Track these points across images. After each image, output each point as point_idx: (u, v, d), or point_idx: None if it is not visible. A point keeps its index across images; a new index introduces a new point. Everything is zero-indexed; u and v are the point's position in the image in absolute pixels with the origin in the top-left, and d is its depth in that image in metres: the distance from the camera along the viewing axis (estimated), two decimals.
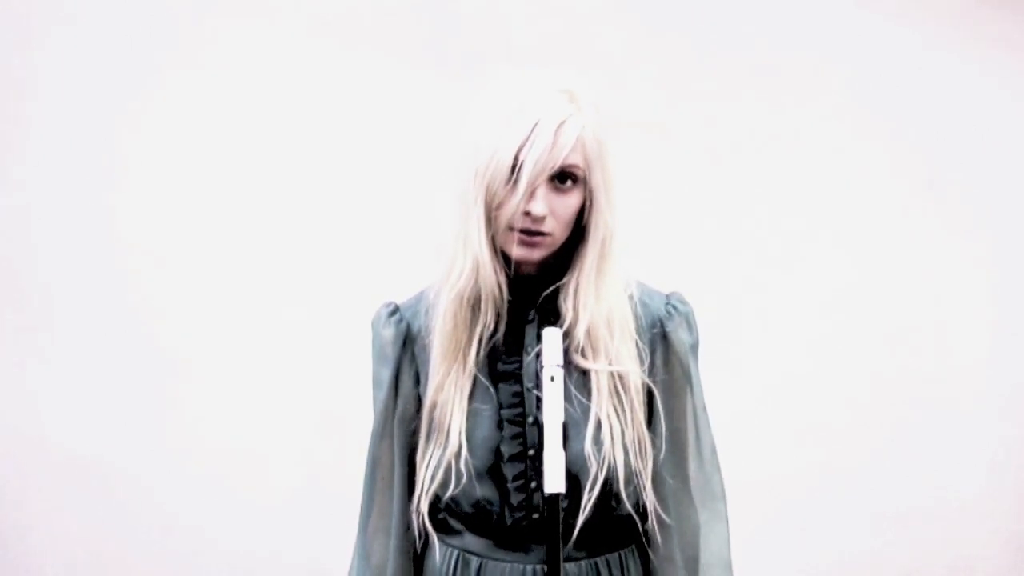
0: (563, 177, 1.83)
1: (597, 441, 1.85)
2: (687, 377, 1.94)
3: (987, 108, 3.51)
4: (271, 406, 3.38)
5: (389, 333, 1.97)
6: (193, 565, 3.38)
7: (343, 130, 3.41)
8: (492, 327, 1.89)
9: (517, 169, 1.80)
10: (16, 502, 3.38)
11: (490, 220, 1.83)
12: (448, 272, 1.88)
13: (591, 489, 1.84)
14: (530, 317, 1.91)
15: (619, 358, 1.88)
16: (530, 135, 1.79)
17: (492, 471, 1.88)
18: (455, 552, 1.94)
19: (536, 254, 1.86)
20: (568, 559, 1.87)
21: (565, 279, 1.89)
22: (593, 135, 1.84)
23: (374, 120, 3.40)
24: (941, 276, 3.50)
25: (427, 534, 1.92)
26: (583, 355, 1.88)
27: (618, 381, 1.88)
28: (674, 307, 1.96)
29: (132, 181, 3.39)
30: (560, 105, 1.82)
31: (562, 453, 1.66)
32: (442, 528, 1.94)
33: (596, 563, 1.92)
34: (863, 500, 3.47)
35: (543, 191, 1.81)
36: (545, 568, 1.86)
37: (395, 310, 1.99)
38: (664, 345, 1.94)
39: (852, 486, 3.46)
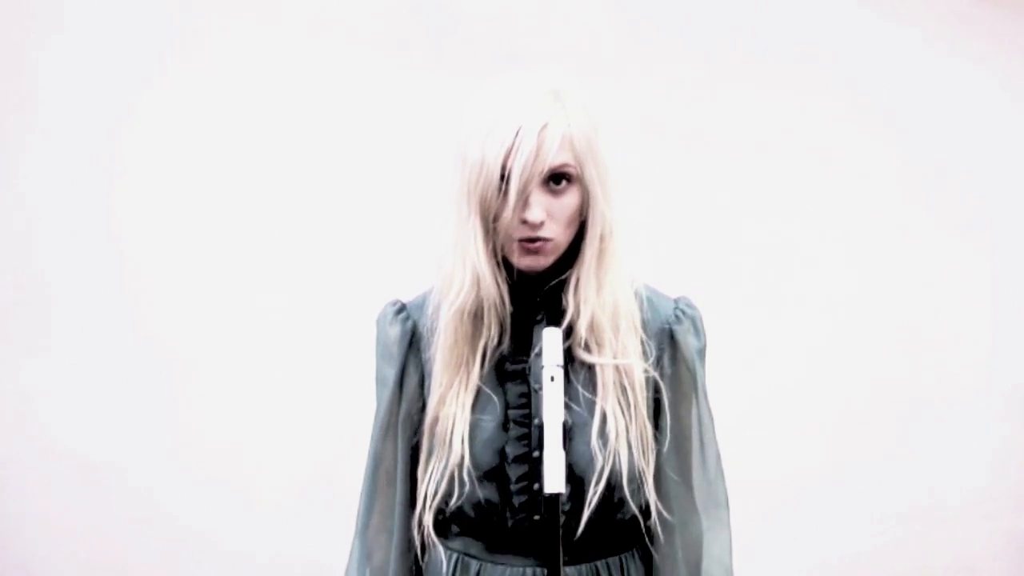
0: (556, 178, 1.80)
1: (603, 435, 1.84)
2: (693, 382, 1.92)
3: (988, 108, 3.51)
4: (271, 406, 3.38)
5: (395, 331, 1.94)
6: (193, 565, 3.38)
7: (344, 130, 3.40)
8: (496, 339, 1.87)
9: (507, 179, 1.77)
10: (16, 502, 3.37)
11: (488, 232, 1.81)
12: (448, 286, 1.85)
13: (596, 483, 1.82)
14: (539, 317, 1.88)
15: (624, 351, 1.86)
16: (514, 143, 1.76)
17: (495, 472, 1.86)
18: (455, 555, 1.92)
19: (543, 261, 1.83)
20: (568, 562, 1.84)
21: (567, 274, 1.86)
22: (580, 130, 1.80)
23: (375, 120, 3.40)
24: (941, 276, 3.50)
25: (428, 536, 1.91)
26: (587, 350, 1.86)
27: (623, 375, 1.86)
28: (682, 311, 1.94)
29: (132, 181, 3.38)
30: (542, 107, 1.78)
31: (562, 453, 1.64)
32: (443, 531, 1.93)
33: (596, 567, 1.90)
34: (863, 500, 3.46)
35: (537, 196, 1.78)
36: (545, 572, 1.84)
37: (401, 308, 1.96)
38: (672, 348, 1.92)
39: (852, 486, 3.46)
